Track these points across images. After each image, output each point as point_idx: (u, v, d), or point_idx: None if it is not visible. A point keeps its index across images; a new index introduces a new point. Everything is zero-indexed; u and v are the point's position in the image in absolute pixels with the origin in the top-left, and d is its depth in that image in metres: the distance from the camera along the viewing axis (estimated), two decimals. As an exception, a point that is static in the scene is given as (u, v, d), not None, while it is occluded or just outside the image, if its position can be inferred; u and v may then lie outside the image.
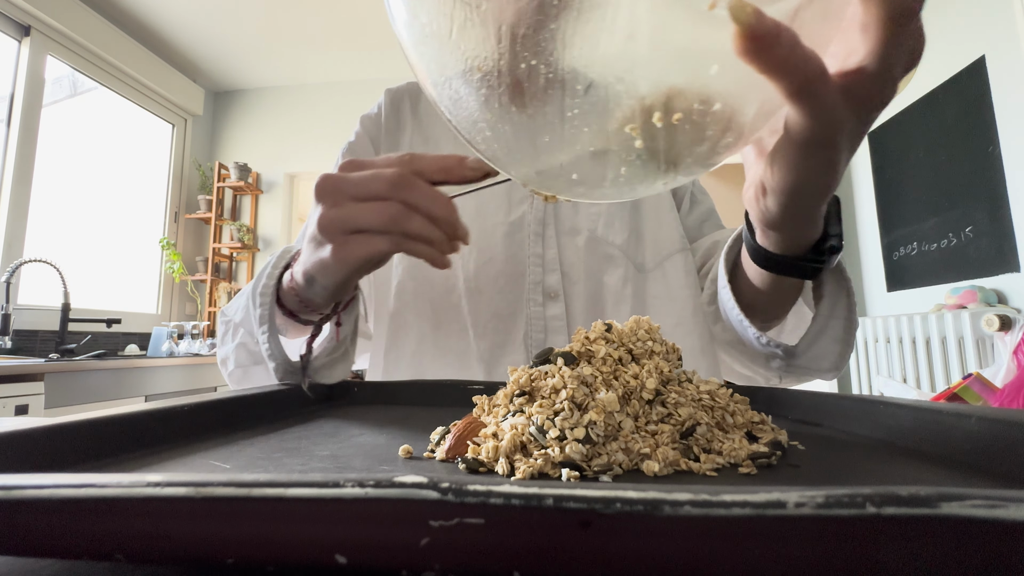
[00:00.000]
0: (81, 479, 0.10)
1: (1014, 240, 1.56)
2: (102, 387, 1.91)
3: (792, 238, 0.35)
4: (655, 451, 0.22)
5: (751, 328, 0.43)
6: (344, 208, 0.33)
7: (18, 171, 2.30)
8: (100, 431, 0.22)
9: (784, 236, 0.35)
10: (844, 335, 0.42)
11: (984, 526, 0.09)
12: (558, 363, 0.25)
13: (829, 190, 0.30)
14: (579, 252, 0.59)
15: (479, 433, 0.23)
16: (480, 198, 0.58)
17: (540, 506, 0.09)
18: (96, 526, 0.10)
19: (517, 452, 0.21)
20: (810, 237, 0.35)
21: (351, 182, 0.33)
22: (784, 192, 0.29)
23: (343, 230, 0.33)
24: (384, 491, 0.09)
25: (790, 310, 0.46)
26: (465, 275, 0.57)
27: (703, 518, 0.09)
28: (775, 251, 0.36)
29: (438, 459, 0.23)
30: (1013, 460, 0.20)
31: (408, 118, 0.66)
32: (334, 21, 2.83)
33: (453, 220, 0.35)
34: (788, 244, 0.35)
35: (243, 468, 0.21)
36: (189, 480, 0.09)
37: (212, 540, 0.09)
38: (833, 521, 0.09)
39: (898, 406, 0.27)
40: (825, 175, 0.28)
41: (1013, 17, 1.56)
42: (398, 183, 0.32)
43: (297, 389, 0.37)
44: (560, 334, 0.57)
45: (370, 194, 0.33)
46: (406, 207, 0.33)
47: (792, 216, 0.32)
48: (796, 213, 0.31)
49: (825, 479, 0.19)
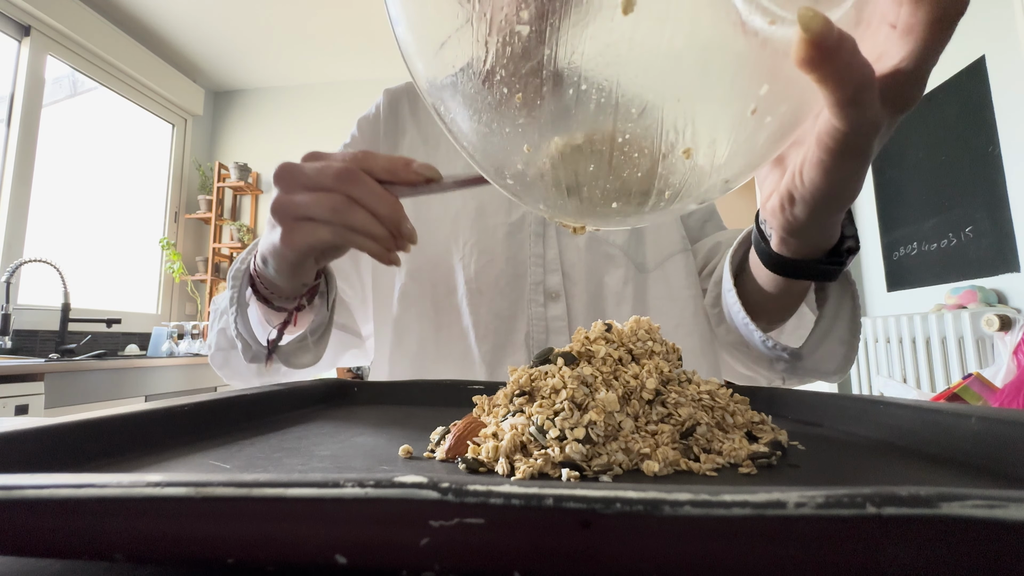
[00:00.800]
0: (80, 479, 0.10)
1: (1014, 240, 1.56)
2: (102, 387, 1.91)
3: (814, 243, 0.35)
4: (655, 451, 0.22)
5: (756, 331, 0.43)
6: (294, 195, 0.34)
7: (18, 171, 2.30)
8: (97, 431, 0.22)
9: (805, 242, 0.35)
10: (849, 337, 0.42)
11: (984, 526, 0.09)
12: (558, 363, 0.25)
13: (856, 194, 0.30)
14: (580, 252, 0.59)
15: (479, 433, 0.23)
16: (481, 198, 0.58)
17: (540, 506, 0.09)
18: (95, 526, 0.10)
19: (517, 452, 0.21)
20: (831, 240, 0.35)
21: (304, 171, 0.34)
22: (816, 200, 0.29)
23: (291, 216, 0.34)
24: (384, 491, 0.09)
25: (794, 312, 0.47)
26: (466, 276, 0.57)
27: (703, 518, 0.09)
28: (793, 256, 0.36)
29: (438, 459, 0.23)
30: (1012, 459, 0.20)
31: (407, 119, 0.65)
32: (334, 21, 2.83)
33: (396, 218, 0.35)
34: (808, 249, 0.35)
35: (243, 468, 0.21)
36: (189, 480, 0.09)
37: (212, 540, 0.09)
38: (833, 521, 0.09)
39: (898, 406, 0.27)
40: (856, 180, 0.28)
41: (1013, 17, 1.56)
42: (344, 177, 0.34)
43: (296, 389, 0.37)
44: (562, 334, 0.56)
45: (318, 185, 0.34)
46: (349, 200, 0.34)
47: (819, 223, 0.32)
48: (824, 220, 0.31)
49: (825, 479, 0.19)
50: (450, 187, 0.35)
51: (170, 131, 3.24)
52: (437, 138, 0.63)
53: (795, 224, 0.32)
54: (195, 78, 3.33)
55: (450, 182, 0.35)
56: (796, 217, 0.31)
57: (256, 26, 2.86)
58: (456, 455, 0.23)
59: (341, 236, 0.34)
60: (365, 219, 0.34)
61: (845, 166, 0.26)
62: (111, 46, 2.66)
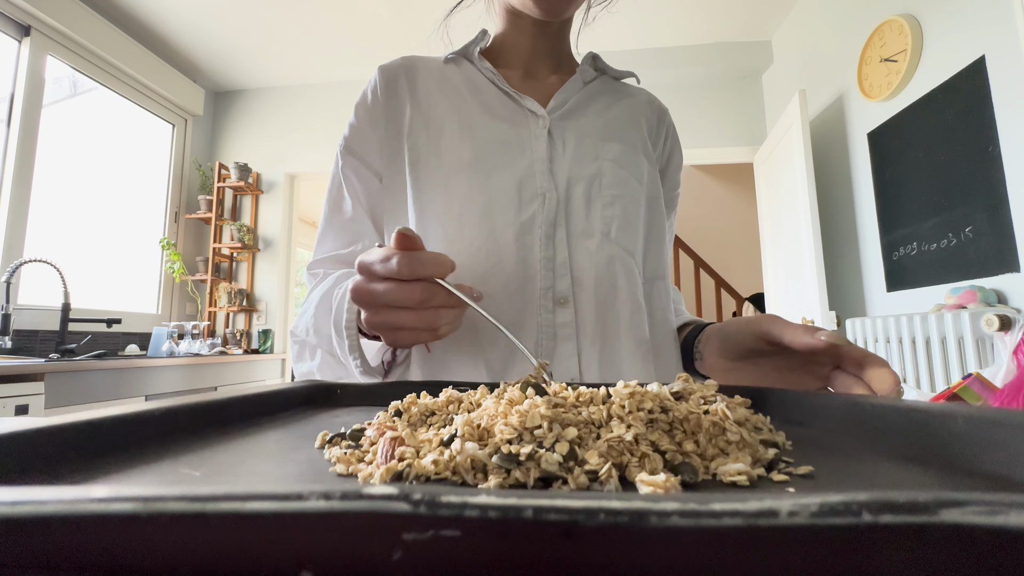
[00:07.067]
0: (17, 495, 0.09)
1: (1014, 240, 1.56)
2: (102, 387, 1.91)
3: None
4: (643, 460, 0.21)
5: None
6: (385, 317, 0.41)
7: (18, 171, 2.30)
8: (63, 437, 0.21)
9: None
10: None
11: (984, 533, 0.09)
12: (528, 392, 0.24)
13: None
14: (591, 256, 0.57)
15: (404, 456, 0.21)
16: (489, 194, 0.56)
17: (519, 518, 0.09)
18: (36, 544, 0.09)
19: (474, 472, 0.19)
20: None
21: (383, 295, 0.41)
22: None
23: (390, 327, 0.42)
24: (352, 504, 0.09)
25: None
26: (473, 278, 0.55)
27: (692, 529, 0.09)
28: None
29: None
30: (998, 459, 0.20)
31: (406, 97, 0.63)
32: (334, 21, 2.83)
33: (463, 306, 0.43)
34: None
35: (213, 475, 0.20)
36: (136, 495, 0.09)
37: (165, 559, 0.09)
38: (828, 530, 0.09)
39: (884, 406, 0.27)
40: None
41: (1013, 17, 1.55)
42: (422, 298, 0.40)
43: (278, 392, 0.36)
44: (569, 342, 0.55)
45: (403, 304, 0.40)
46: (435, 310, 0.41)
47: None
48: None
49: (816, 484, 0.19)
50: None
51: (170, 131, 3.24)
52: (440, 123, 0.60)
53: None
54: (195, 78, 3.33)
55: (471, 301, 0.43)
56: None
57: (256, 26, 2.86)
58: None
59: (437, 336, 0.43)
60: (449, 316, 0.42)
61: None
62: (111, 46, 2.67)
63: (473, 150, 0.58)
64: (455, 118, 0.60)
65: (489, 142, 0.59)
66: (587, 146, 0.61)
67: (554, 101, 0.62)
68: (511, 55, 0.67)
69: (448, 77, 0.64)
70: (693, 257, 4.11)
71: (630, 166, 0.62)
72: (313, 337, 0.55)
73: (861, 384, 0.38)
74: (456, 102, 0.62)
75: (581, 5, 0.62)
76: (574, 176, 0.59)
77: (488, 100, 0.62)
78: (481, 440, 0.21)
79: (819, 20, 2.55)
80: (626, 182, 0.60)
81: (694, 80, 3.16)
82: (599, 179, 0.59)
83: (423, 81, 0.64)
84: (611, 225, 0.58)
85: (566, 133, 0.61)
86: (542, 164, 0.58)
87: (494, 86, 0.63)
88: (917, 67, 1.92)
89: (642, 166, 0.63)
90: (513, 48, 0.66)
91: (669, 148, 0.71)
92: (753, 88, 3.16)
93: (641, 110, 0.69)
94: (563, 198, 0.58)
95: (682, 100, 3.11)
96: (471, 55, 0.65)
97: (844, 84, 2.33)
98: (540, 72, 0.67)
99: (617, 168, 0.60)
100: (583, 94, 0.65)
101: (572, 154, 0.60)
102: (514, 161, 0.58)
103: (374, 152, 0.62)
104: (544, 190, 0.57)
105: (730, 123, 3.14)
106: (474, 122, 0.60)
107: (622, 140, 0.63)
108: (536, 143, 0.59)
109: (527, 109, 0.61)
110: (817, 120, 2.53)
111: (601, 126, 0.63)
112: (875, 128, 2.13)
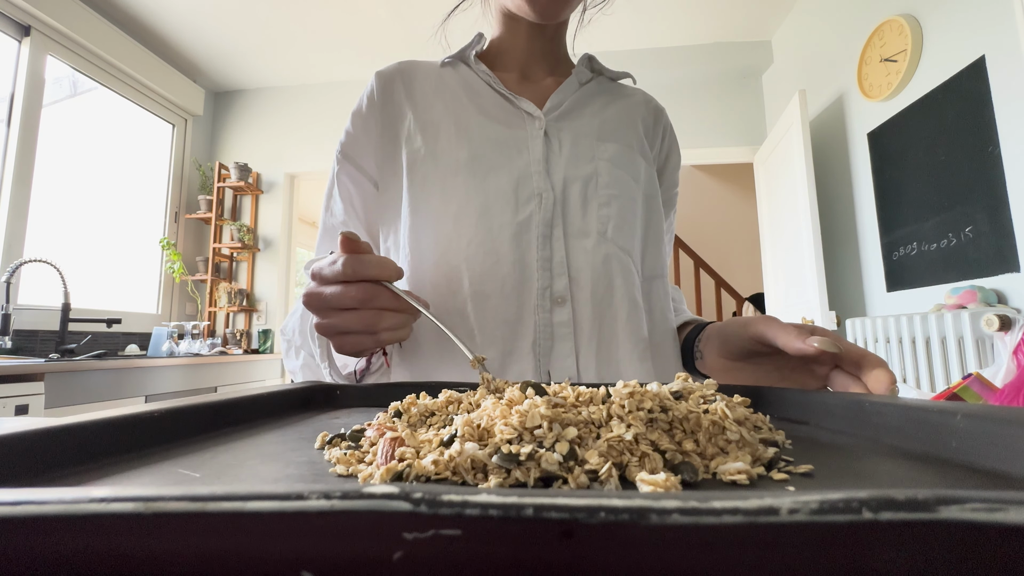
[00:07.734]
0: (18, 495, 0.09)
1: (1014, 240, 1.56)
2: (102, 387, 1.91)
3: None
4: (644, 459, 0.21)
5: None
6: (330, 319, 0.42)
7: (18, 171, 2.30)
8: (65, 439, 0.21)
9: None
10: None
11: (984, 530, 0.09)
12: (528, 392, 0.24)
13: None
14: (588, 255, 0.57)
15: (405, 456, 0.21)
16: (486, 194, 0.57)
17: (520, 516, 0.09)
18: (36, 545, 0.09)
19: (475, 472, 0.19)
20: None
21: (328, 297, 0.41)
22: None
23: (335, 332, 0.42)
24: (352, 503, 0.09)
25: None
26: (471, 278, 0.55)
27: (692, 527, 0.09)
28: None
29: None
30: (997, 457, 0.20)
31: (403, 101, 0.63)
32: (334, 21, 2.83)
33: (410, 308, 0.43)
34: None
35: (213, 476, 0.20)
36: (137, 495, 0.09)
37: (165, 559, 0.09)
38: (829, 528, 0.09)
39: (883, 404, 0.27)
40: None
41: (1013, 17, 1.55)
42: (364, 298, 0.41)
43: (278, 393, 0.36)
44: (567, 341, 0.55)
45: (345, 306, 0.41)
46: (377, 312, 0.41)
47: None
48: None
49: (815, 482, 0.19)
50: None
51: (170, 131, 3.24)
52: (436, 126, 0.61)
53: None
54: (195, 78, 3.33)
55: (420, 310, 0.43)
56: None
57: (256, 26, 2.86)
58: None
59: (379, 341, 0.42)
60: (392, 320, 0.42)
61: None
62: (111, 46, 2.67)
63: (470, 151, 0.58)
64: (452, 120, 0.61)
65: (485, 143, 0.59)
66: (583, 146, 0.61)
67: (550, 102, 0.63)
68: (507, 58, 0.67)
69: (445, 81, 0.64)
70: (693, 257, 4.11)
71: (626, 166, 0.62)
72: (297, 338, 0.58)
73: (859, 384, 0.38)
74: (453, 105, 0.62)
75: (576, 7, 0.62)
76: (570, 176, 0.59)
77: (484, 102, 0.63)
78: (481, 440, 0.21)
79: (819, 20, 2.55)
80: (622, 182, 0.61)
81: (694, 80, 3.16)
82: (595, 179, 0.59)
83: (420, 85, 0.64)
84: (608, 224, 0.58)
85: (562, 134, 0.61)
86: (538, 165, 0.58)
87: (490, 89, 0.63)
88: (917, 67, 1.92)
89: (638, 165, 0.64)
90: (509, 51, 0.67)
91: (667, 147, 0.71)
92: (753, 88, 3.16)
93: (637, 110, 0.69)
94: (559, 198, 0.58)
95: (682, 100, 3.11)
96: (467, 58, 0.65)
97: (844, 84, 2.33)
98: (536, 74, 0.68)
99: (613, 168, 0.61)
100: (579, 95, 0.65)
101: (568, 154, 0.60)
102: (511, 162, 0.58)
103: (370, 157, 0.63)
104: (541, 190, 0.57)
105: (730, 123, 3.14)
106: (470, 124, 0.60)
107: (618, 140, 0.63)
108: (532, 144, 0.60)
109: (523, 111, 0.62)
110: (817, 120, 2.53)
111: (597, 126, 0.63)
112: (875, 128, 2.13)
